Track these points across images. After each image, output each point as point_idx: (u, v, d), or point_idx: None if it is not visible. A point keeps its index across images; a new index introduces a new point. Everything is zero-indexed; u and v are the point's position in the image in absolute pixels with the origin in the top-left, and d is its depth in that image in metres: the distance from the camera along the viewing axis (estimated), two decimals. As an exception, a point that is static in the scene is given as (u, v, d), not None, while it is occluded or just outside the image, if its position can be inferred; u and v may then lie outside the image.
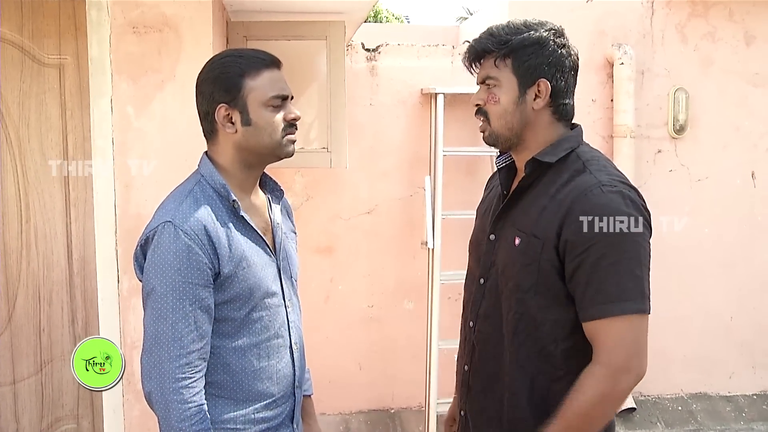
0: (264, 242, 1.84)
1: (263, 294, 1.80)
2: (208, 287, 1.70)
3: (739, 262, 4.81)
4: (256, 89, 1.77)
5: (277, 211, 1.94)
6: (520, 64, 1.75)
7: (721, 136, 4.76)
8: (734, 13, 4.71)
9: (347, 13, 3.64)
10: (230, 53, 1.85)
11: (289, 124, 1.80)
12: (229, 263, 1.73)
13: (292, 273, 1.95)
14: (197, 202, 1.75)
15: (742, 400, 4.88)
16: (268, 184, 1.98)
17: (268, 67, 1.79)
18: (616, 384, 1.61)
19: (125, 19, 2.94)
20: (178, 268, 1.66)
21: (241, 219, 1.79)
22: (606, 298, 1.62)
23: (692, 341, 4.81)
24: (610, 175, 1.71)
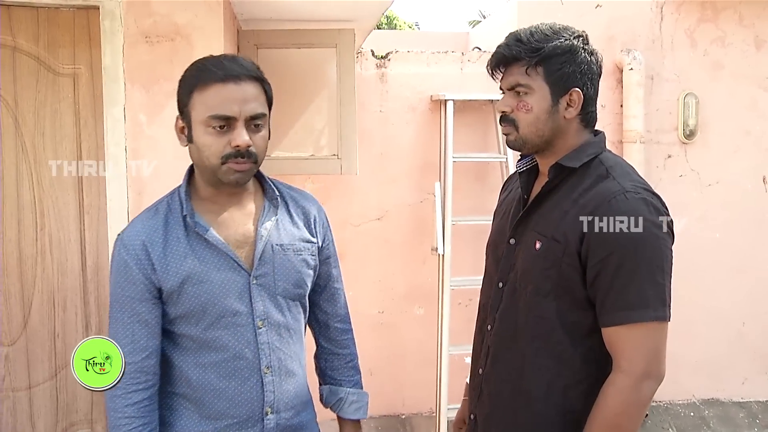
0: (229, 256, 1.71)
1: (219, 313, 1.70)
2: (147, 302, 1.67)
3: (751, 267, 4.80)
4: (198, 106, 1.65)
5: (269, 221, 1.79)
6: (553, 72, 1.73)
7: (731, 141, 4.75)
8: (744, 18, 4.71)
9: (357, 21, 3.67)
10: (197, 62, 1.72)
11: (234, 152, 1.63)
12: (170, 280, 1.67)
13: (278, 289, 1.78)
14: (154, 215, 1.74)
15: (756, 406, 4.86)
16: (267, 190, 1.83)
17: (220, 81, 1.62)
18: (638, 391, 1.62)
19: (138, 28, 2.98)
20: (117, 282, 1.68)
21: (197, 233, 1.70)
22: (626, 304, 1.62)
23: (704, 346, 4.80)
24: (634, 182, 1.72)
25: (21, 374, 3.15)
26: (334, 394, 2.02)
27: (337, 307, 2.01)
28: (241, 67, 1.65)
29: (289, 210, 1.86)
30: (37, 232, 3.11)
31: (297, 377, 1.85)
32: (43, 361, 3.17)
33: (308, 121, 3.82)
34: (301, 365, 1.88)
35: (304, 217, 1.89)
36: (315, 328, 2.03)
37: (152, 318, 1.69)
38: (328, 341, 2.02)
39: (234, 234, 1.75)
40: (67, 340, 3.18)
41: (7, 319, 3.11)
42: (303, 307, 1.88)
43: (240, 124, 1.63)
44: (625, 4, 4.63)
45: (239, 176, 1.67)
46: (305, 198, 1.93)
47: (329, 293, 1.99)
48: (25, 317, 3.13)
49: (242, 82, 1.63)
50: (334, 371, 2.03)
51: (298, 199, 1.90)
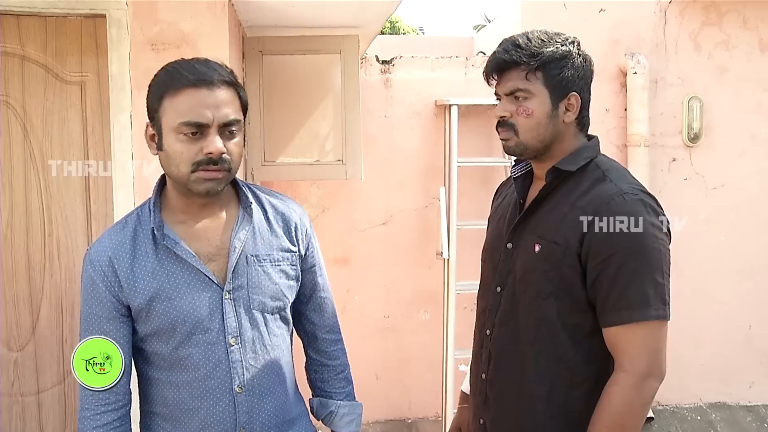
0: (199, 271, 1.64)
1: (189, 330, 1.62)
2: (114, 320, 1.62)
3: (757, 270, 4.80)
4: (168, 112, 1.56)
5: (243, 231, 1.70)
6: (553, 77, 1.76)
7: (736, 144, 4.75)
8: (748, 21, 4.71)
9: (361, 27, 3.69)
10: (167, 65, 1.63)
11: (206, 159, 1.55)
12: (138, 296, 1.61)
13: (254, 303, 1.69)
14: (122, 228, 1.66)
15: (763, 410, 4.85)
16: (242, 199, 1.75)
17: (192, 85, 1.54)
18: (641, 390, 1.64)
19: (144, 36, 3.01)
20: (85, 300, 1.63)
21: (166, 247, 1.63)
22: (628, 304, 1.65)
23: (711, 350, 4.80)
24: (630, 184, 1.75)
25: (29, 379, 3.17)
26: (324, 407, 1.94)
27: (324, 317, 1.92)
28: (214, 71, 1.57)
29: (268, 217, 1.77)
30: (45, 238, 3.13)
31: (277, 395, 1.76)
32: (52, 366, 3.19)
33: (313, 126, 3.84)
34: (284, 381, 1.79)
35: (284, 224, 1.79)
36: (303, 339, 1.96)
37: (121, 336, 1.63)
38: (317, 352, 1.94)
39: (206, 246, 1.67)
40: (75, 346, 3.20)
41: (16, 325, 3.14)
42: (284, 320, 1.79)
43: (213, 131, 1.55)
44: (628, 8, 4.65)
45: (210, 185, 1.58)
46: (286, 204, 1.84)
47: (315, 303, 1.90)
48: (34, 323, 3.16)
49: (215, 87, 1.56)
50: (324, 383, 1.95)
51: (277, 205, 1.81)
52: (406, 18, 19.51)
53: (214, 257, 1.66)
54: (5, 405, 3.15)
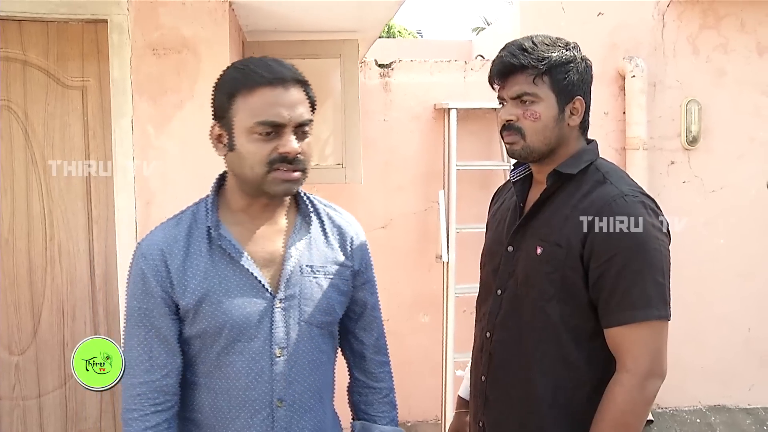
0: (253, 276, 1.58)
1: (235, 337, 1.56)
2: (166, 316, 1.55)
3: (756, 272, 4.80)
4: (242, 112, 1.51)
5: (301, 240, 1.65)
6: (559, 81, 1.78)
7: (734, 147, 4.77)
8: (746, 24, 4.73)
9: (360, 32, 3.71)
10: (237, 64, 1.60)
11: (281, 159, 1.50)
12: (187, 296, 1.55)
13: (304, 315, 1.63)
14: (177, 224, 1.61)
15: (763, 412, 4.85)
16: (302, 207, 1.69)
17: (267, 84, 1.50)
18: (644, 389, 1.66)
19: (145, 41, 3.03)
20: (134, 293, 1.57)
21: (221, 248, 1.58)
22: (631, 305, 1.67)
23: (710, 353, 4.80)
24: (630, 186, 1.77)
25: (31, 383, 3.19)
26: (366, 431, 1.86)
27: (373, 336, 1.85)
28: (288, 70, 1.53)
29: (324, 229, 1.71)
30: (46, 242, 3.15)
31: (317, 413, 1.69)
32: (53, 369, 3.21)
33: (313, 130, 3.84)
34: (324, 400, 1.73)
35: (340, 237, 1.73)
36: (349, 358, 1.87)
37: (171, 334, 1.56)
38: (363, 374, 1.86)
39: (261, 251, 1.61)
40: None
41: (18, 329, 3.15)
42: (332, 336, 1.73)
43: (288, 131, 1.50)
44: (626, 12, 4.66)
45: (287, 186, 1.53)
46: (343, 217, 1.77)
47: (366, 321, 1.84)
48: (35, 326, 3.17)
49: (290, 86, 1.51)
50: (368, 406, 1.86)
51: (334, 217, 1.75)
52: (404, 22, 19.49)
53: (269, 264, 1.61)
54: (6, 409, 3.17)
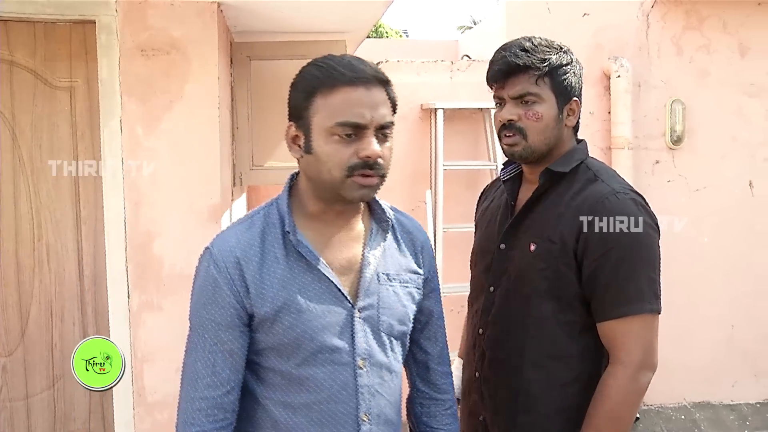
0: (333, 284, 1.49)
1: (316, 348, 1.47)
2: (235, 329, 1.45)
3: (740, 270, 4.86)
4: (322, 112, 1.43)
5: (378, 246, 1.57)
6: (559, 82, 1.82)
7: (718, 147, 4.82)
8: (728, 25, 4.78)
9: (349, 32, 3.72)
10: (317, 61, 1.49)
11: (362, 163, 1.42)
12: (266, 305, 1.45)
13: (383, 325, 1.55)
14: (249, 228, 1.50)
15: (746, 408, 4.91)
16: (376, 211, 1.60)
17: (349, 83, 1.42)
18: (637, 382, 1.71)
19: (134, 42, 3.02)
20: (203, 303, 1.46)
21: (300, 255, 1.48)
22: (624, 299, 1.71)
23: (695, 350, 4.85)
24: (621, 184, 1.82)
25: (18, 384, 3.18)
26: None
27: (438, 347, 1.76)
28: (370, 69, 1.45)
29: (396, 235, 1.64)
30: (34, 242, 3.14)
31: (395, 426, 1.62)
32: (41, 371, 3.20)
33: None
34: (399, 412, 1.65)
35: (411, 244, 1.66)
36: (413, 369, 1.78)
37: (238, 348, 1.47)
38: (427, 384, 1.77)
39: (339, 258, 1.53)
40: (65, 350, 3.21)
41: (5, 330, 3.14)
42: (404, 347, 1.66)
43: (370, 133, 1.42)
44: (612, 13, 4.70)
45: (365, 191, 1.45)
46: (413, 223, 1.70)
47: (431, 331, 1.74)
48: (23, 327, 3.16)
49: (372, 86, 1.44)
50: (431, 418, 1.77)
51: (405, 223, 1.68)
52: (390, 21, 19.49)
53: (346, 271, 1.53)
54: (-6, 410, 3.16)
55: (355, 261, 1.54)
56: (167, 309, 3.11)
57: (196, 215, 3.09)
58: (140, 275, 3.10)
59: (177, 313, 3.10)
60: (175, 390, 1.49)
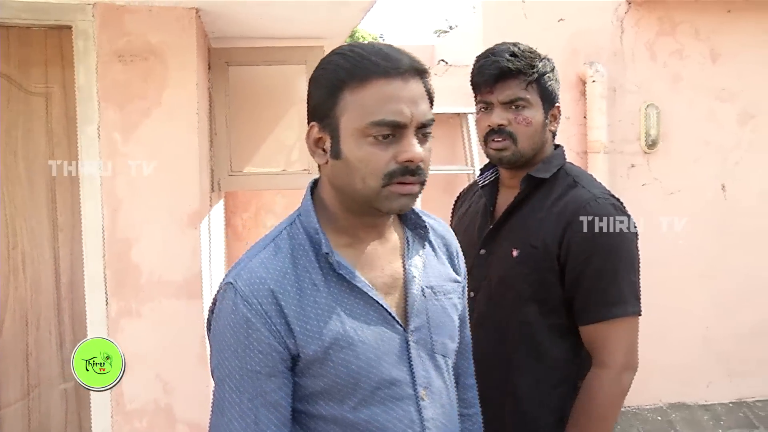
0: (382, 308, 1.29)
1: (374, 384, 1.26)
2: (278, 376, 1.22)
3: (714, 272, 4.92)
4: (352, 109, 1.22)
5: (418, 257, 1.38)
6: (546, 88, 1.86)
7: (691, 150, 4.88)
8: (700, 32, 4.85)
9: (327, 38, 3.73)
10: (342, 50, 1.28)
11: (402, 169, 1.22)
12: (314, 343, 1.22)
13: (436, 345, 1.36)
14: (276, 254, 1.27)
15: (720, 408, 4.97)
16: (409, 217, 1.41)
17: (383, 75, 1.21)
18: (620, 382, 1.75)
19: (111, 48, 3.00)
20: (235, 350, 1.21)
21: (340, 278, 1.27)
22: (606, 302, 1.75)
23: (671, 352, 4.90)
24: (600, 189, 1.86)
25: (-7, 394, 3.13)
26: None
27: (468, 360, 1.61)
28: (406, 57, 1.24)
29: (431, 242, 1.45)
30: (9, 250, 3.10)
31: None
32: (15, 380, 3.15)
33: (279, 136, 3.86)
34: None
35: (446, 249, 1.49)
36: None
37: (284, 398, 1.23)
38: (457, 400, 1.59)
39: (381, 276, 1.32)
40: (41, 359, 3.17)
41: (-20, 339, 3.10)
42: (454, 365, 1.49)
43: (410, 133, 1.22)
44: (587, 18, 4.75)
45: (405, 201, 1.25)
46: (442, 226, 1.53)
47: (464, 344, 1.56)
48: (-2, 336, 3.12)
49: (409, 77, 1.23)
50: None
51: (436, 227, 1.49)
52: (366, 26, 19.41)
53: (390, 289, 1.33)
54: (-32, 421, 3.11)
55: (398, 277, 1.34)
56: (146, 315, 3.08)
57: (175, 221, 3.07)
58: (119, 282, 3.07)
59: (156, 320, 3.08)
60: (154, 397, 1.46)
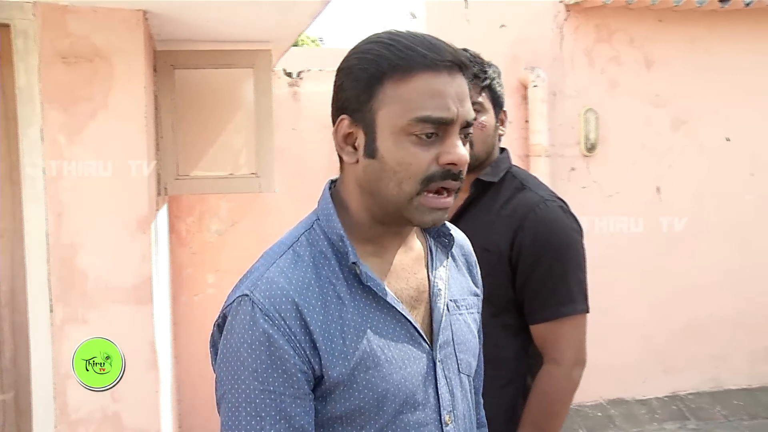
0: (410, 324, 1.17)
1: (398, 408, 1.13)
2: (304, 399, 1.09)
3: (651, 272, 5.09)
4: (393, 103, 1.11)
5: (442, 268, 1.27)
6: (496, 92, 1.92)
7: (628, 154, 5.04)
8: (635, 39, 5.01)
9: (274, 42, 3.72)
10: (381, 38, 1.16)
11: (443, 172, 1.11)
12: (339, 363, 1.10)
13: (462, 365, 1.25)
14: (296, 262, 1.14)
15: (655, 402, 5.14)
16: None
17: (430, 68, 1.10)
18: (571, 379, 1.80)
19: (54, 48, 2.93)
20: (254, 370, 1.07)
21: (367, 290, 1.15)
22: (556, 302, 1.80)
23: (611, 350, 5.03)
24: (547, 191, 1.92)
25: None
26: None
27: (480, 377, 1.47)
28: (452, 50, 1.13)
29: (452, 252, 1.33)
30: (-54, 257, 3.00)
31: None
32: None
33: (227, 140, 3.83)
34: None
35: (465, 260, 1.38)
36: None
37: (309, 423, 1.10)
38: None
39: (406, 288, 1.21)
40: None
41: None
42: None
43: (455, 132, 1.12)
44: (528, 25, 4.86)
45: (439, 216, 1.14)
46: (461, 235, 1.41)
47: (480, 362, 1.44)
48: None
49: (455, 72, 1.12)
50: None
51: (456, 237, 1.36)
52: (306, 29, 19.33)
53: (416, 303, 1.21)
54: None
55: (423, 290, 1.23)
56: (93, 322, 3.00)
57: (123, 226, 3.01)
58: (64, 288, 2.99)
59: (103, 326, 3.01)
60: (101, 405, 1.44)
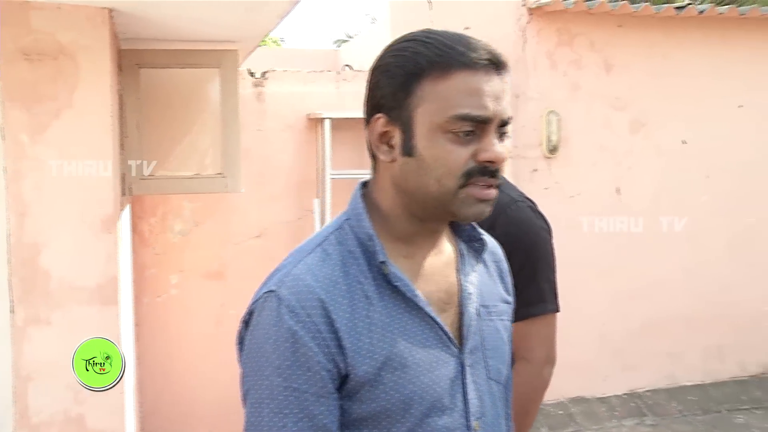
0: (438, 327, 1.16)
1: (424, 412, 1.12)
2: (328, 398, 1.08)
3: (610, 272, 5.18)
4: (431, 101, 1.11)
5: (473, 273, 1.25)
6: None
7: (589, 155, 5.13)
8: (595, 43, 5.10)
9: (240, 42, 3.70)
10: (418, 36, 1.17)
11: (480, 169, 1.11)
12: (365, 362, 1.09)
13: (491, 371, 1.23)
14: (325, 260, 1.13)
15: (615, 400, 5.23)
16: (463, 229, 1.28)
17: (468, 66, 1.10)
18: (542, 377, 1.84)
19: (16, 45, 2.88)
20: (278, 367, 1.07)
21: (395, 291, 1.14)
22: (527, 302, 1.81)
23: (572, 349, 5.07)
24: (516, 192, 1.96)
25: None
26: None
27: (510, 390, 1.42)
28: (489, 48, 1.13)
29: (483, 257, 1.31)
30: None
31: None
32: None
33: (192, 140, 3.81)
34: None
35: (497, 267, 1.36)
36: None
37: (333, 423, 1.09)
38: None
39: (437, 291, 1.19)
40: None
41: None
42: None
43: (492, 130, 1.11)
44: (491, 27, 4.89)
45: (483, 208, 1.13)
46: (493, 242, 1.38)
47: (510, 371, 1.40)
48: None
49: (491, 71, 1.12)
50: None
51: (488, 242, 1.34)
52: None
53: (446, 306, 1.20)
54: None
55: (453, 293, 1.21)
56: (56, 323, 2.97)
57: (87, 226, 2.98)
58: (26, 289, 2.95)
59: (66, 327, 2.98)
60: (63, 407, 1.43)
